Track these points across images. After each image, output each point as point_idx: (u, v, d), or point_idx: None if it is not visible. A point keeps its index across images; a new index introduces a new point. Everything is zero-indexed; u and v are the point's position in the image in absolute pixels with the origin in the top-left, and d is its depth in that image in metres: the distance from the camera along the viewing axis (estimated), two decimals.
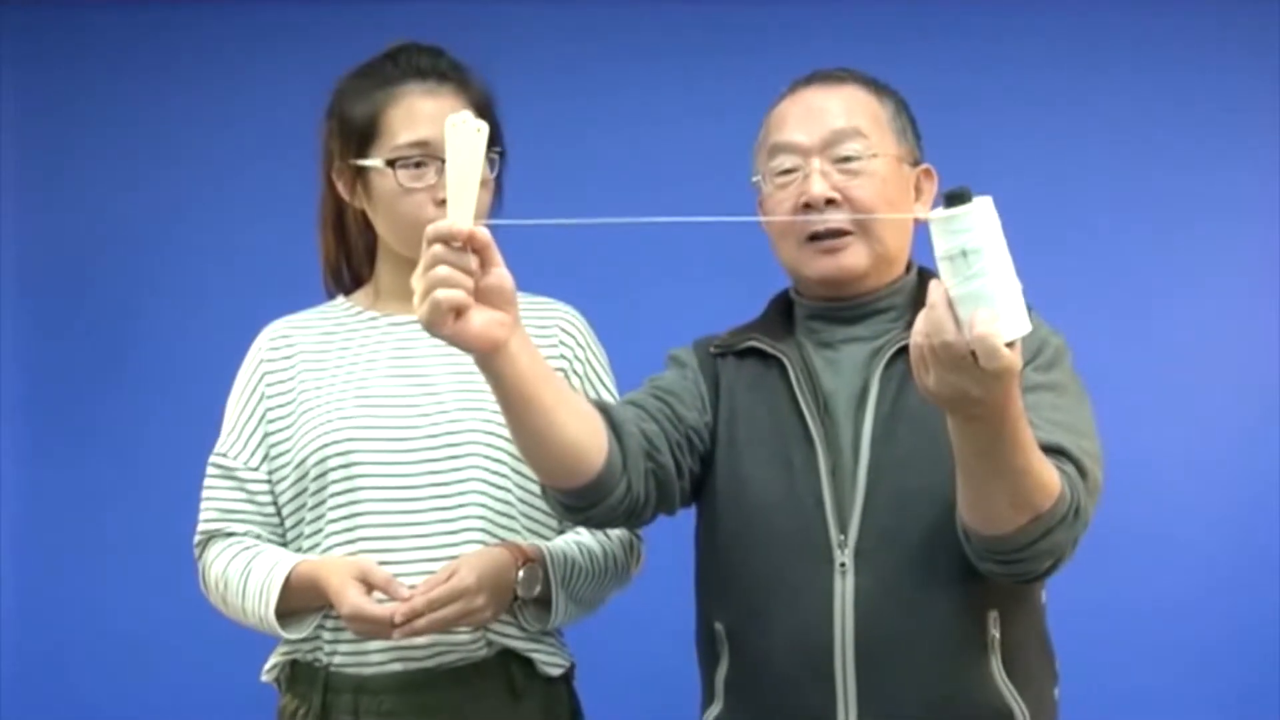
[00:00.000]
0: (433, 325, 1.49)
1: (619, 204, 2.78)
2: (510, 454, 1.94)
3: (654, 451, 1.77)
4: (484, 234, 1.49)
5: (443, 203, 1.86)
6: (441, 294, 1.47)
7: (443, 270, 1.47)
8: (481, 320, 1.51)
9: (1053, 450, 1.61)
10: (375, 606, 1.81)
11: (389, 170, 1.95)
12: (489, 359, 1.56)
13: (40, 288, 3.16)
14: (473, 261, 1.49)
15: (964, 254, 1.38)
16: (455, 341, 1.51)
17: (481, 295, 1.51)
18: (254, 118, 3.13)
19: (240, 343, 2.08)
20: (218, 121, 3.14)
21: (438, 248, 1.48)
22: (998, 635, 1.71)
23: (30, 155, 3.18)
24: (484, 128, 1.49)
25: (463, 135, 1.49)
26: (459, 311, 1.49)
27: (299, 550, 1.97)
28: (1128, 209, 2.98)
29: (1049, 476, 1.56)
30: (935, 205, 1.76)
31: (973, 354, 1.39)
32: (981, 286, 1.37)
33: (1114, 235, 2.98)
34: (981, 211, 1.38)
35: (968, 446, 1.51)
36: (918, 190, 1.88)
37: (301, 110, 2.98)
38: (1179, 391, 2.95)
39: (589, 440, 1.68)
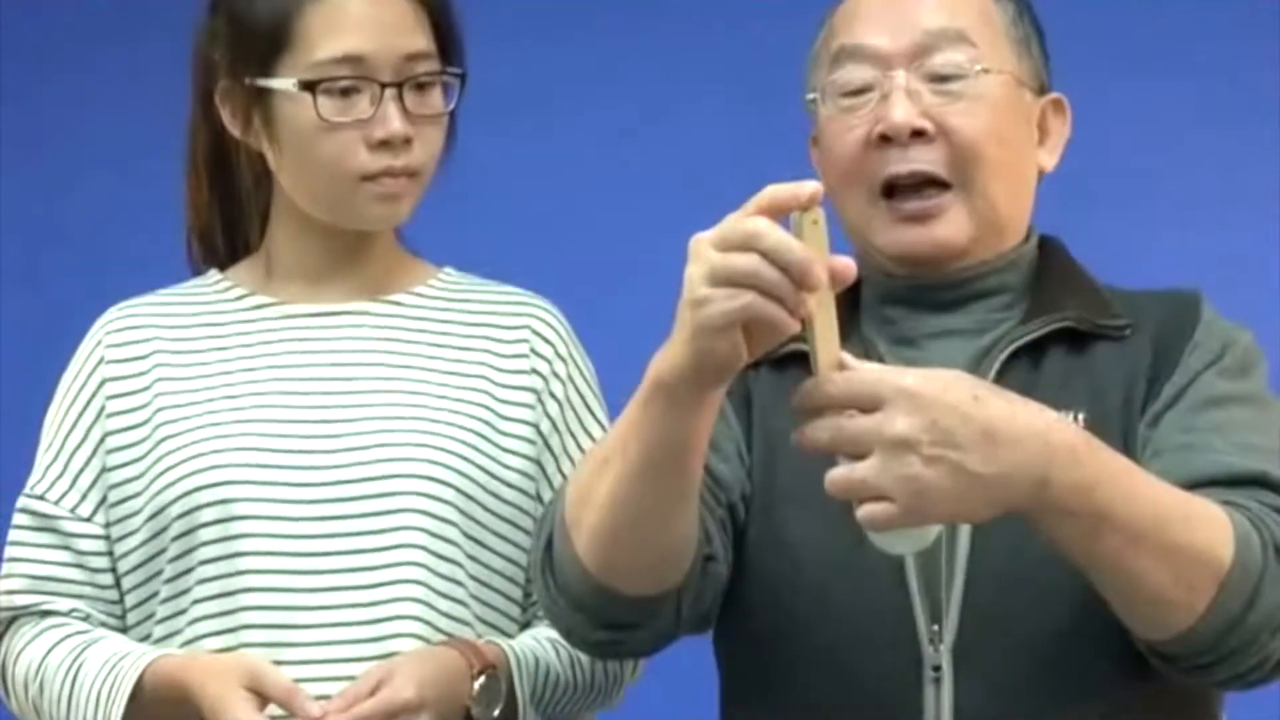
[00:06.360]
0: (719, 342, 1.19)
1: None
2: (458, 508, 1.61)
3: (710, 555, 1.42)
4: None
5: (381, 145, 1.62)
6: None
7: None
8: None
9: (1246, 481, 1.33)
10: None
11: (305, 95, 1.61)
12: (696, 390, 1.23)
13: None
14: None
15: None
16: (727, 366, 1.20)
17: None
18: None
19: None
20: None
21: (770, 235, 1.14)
22: None
23: None
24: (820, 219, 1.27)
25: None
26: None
27: (148, 639, 1.66)
28: (1130, 203, 2.89)
29: (1210, 517, 1.27)
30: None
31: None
32: None
33: (1115, 229, 2.80)
34: None
35: (1079, 542, 1.24)
36: (1042, 131, 1.54)
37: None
38: None
39: (694, 537, 1.36)
